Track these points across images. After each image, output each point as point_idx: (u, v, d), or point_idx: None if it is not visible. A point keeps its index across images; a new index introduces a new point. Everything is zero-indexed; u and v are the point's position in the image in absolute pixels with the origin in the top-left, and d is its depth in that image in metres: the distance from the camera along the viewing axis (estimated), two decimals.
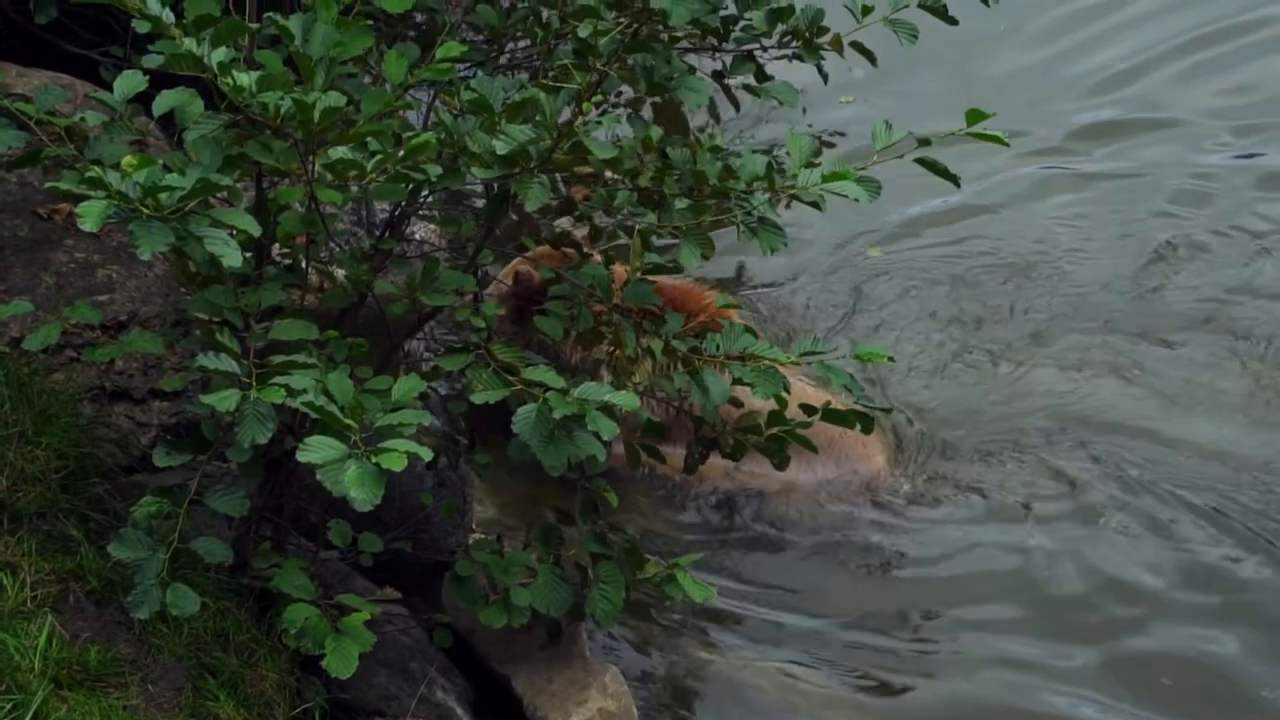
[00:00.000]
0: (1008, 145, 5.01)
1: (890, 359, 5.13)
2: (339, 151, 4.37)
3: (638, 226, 5.07)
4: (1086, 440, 7.11)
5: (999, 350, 7.60)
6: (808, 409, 5.18)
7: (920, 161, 4.99)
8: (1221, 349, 7.58)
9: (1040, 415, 7.26)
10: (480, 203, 6.70)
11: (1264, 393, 7.34)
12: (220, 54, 4.28)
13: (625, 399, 4.41)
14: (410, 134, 4.58)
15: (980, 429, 7.18)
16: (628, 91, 5.01)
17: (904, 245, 8.24)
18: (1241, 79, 9.42)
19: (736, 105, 5.63)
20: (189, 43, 4.26)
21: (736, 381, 5.02)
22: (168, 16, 4.30)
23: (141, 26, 4.36)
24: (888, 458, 6.91)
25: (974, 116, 4.86)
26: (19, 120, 5.11)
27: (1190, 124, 9.10)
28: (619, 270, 5.45)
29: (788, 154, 4.80)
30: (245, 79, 4.26)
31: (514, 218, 5.45)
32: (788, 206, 4.82)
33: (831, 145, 8.63)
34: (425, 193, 4.98)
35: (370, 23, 4.52)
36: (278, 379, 4.36)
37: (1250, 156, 8.87)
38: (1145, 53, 9.61)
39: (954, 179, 5.08)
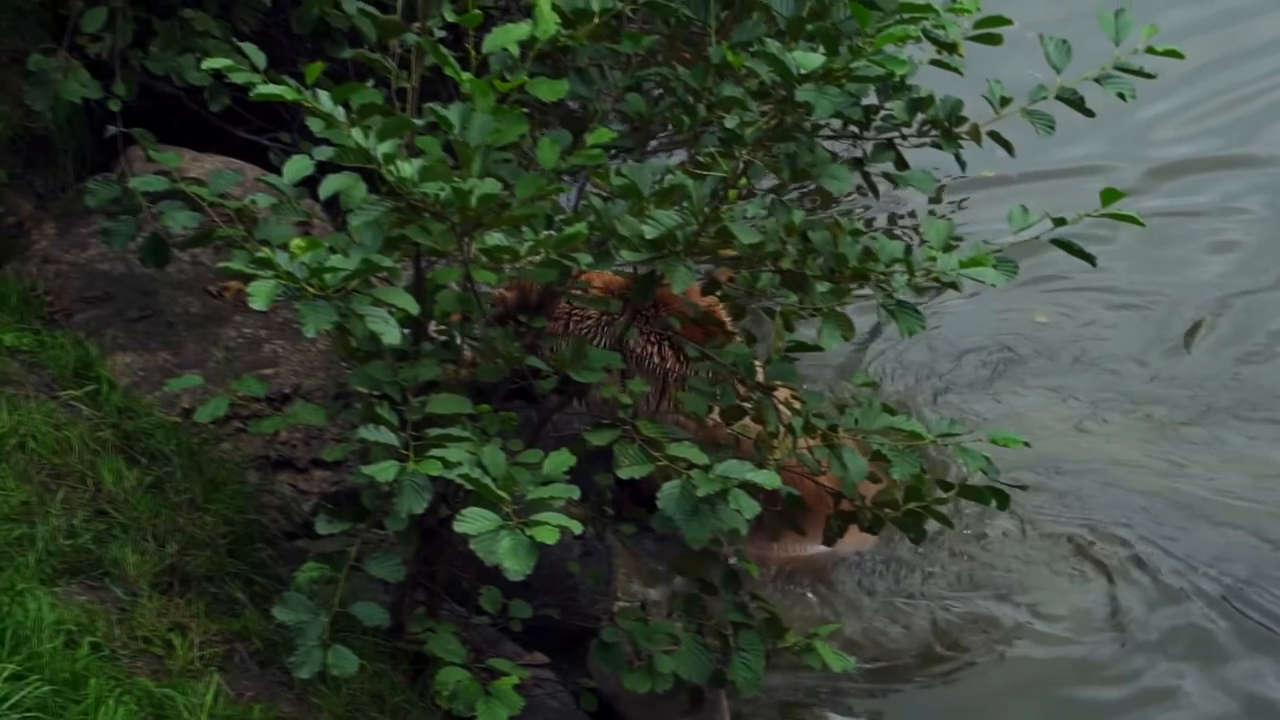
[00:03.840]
0: (1143, 225, 5.01)
1: (1026, 445, 5.15)
2: (494, 238, 4.51)
3: (779, 307, 5.18)
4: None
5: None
6: (944, 485, 5.24)
7: (1056, 243, 5.04)
8: None
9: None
10: None
11: None
12: (386, 146, 4.44)
13: (767, 478, 4.52)
14: (563, 217, 4.74)
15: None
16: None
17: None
18: None
19: (876, 192, 5.69)
20: (356, 134, 4.45)
21: (877, 457, 5.11)
22: (339, 113, 4.49)
23: (314, 125, 4.52)
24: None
25: (1109, 196, 4.89)
26: (193, 202, 5.34)
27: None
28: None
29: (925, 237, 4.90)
30: (408, 169, 4.42)
31: None
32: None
33: None
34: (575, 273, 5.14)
35: (525, 110, 4.64)
36: (434, 451, 4.51)
37: None
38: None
39: (1090, 259, 5.09)
